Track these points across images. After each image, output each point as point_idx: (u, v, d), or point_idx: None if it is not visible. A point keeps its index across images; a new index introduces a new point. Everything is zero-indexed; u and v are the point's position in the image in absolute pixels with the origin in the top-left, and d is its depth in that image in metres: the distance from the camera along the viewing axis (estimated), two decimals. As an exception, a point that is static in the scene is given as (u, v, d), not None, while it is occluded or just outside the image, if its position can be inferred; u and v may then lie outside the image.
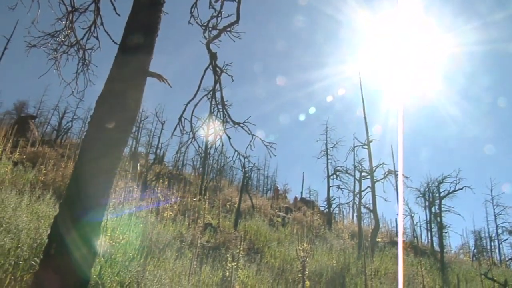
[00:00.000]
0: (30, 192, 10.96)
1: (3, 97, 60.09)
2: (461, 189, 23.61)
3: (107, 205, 5.14)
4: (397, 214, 30.34)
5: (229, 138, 8.02)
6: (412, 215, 31.08)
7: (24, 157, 18.12)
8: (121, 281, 7.15)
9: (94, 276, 6.74)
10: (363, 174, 24.16)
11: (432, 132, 54.10)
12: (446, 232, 26.20)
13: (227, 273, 10.10)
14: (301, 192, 36.17)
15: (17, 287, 5.83)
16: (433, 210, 26.63)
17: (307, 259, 10.64)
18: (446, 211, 24.22)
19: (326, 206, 28.55)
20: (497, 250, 31.47)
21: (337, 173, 27.55)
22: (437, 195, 25.16)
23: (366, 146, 22.96)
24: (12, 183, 12.62)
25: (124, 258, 8.55)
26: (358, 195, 24.52)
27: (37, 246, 7.07)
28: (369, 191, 22.54)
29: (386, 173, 23.64)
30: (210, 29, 7.49)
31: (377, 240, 21.06)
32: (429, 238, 28.46)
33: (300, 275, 10.46)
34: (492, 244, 31.65)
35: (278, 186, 36.52)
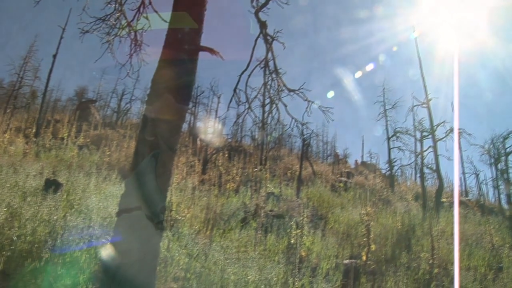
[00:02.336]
0: (97, 173, 11.34)
1: (64, 85, 61.93)
2: (529, 143, 22.72)
3: (171, 181, 5.25)
4: (462, 173, 29.65)
5: (285, 106, 8.00)
6: (477, 173, 30.24)
7: (88, 140, 18.73)
8: (189, 253, 7.33)
9: (163, 250, 6.95)
10: (424, 134, 23.61)
11: (494, 88, 51.93)
12: (514, 189, 25.39)
13: (292, 241, 10.17)
14: (362, 156, 35.87)
15: (92, 264, 6.08)
16: (499, 167, 25.79)
17: (371, 223, 10.55)
18: (513, 167, 23.42)
19: (388, 169, 28.17)
20: None
21: (397, 135, 27.05)
22: (502, 151, 24.32)
23: (425, 105, 22.33)
24: (79, 166, 13.10)
25: (190, 231, 8.75)
26: (420, 156, 24.06)
27: (107, 224, 7.32)
28: (431, 151, 22.01)
29: (448, 131, 22.96)
30: (257, -3, 7.42)
31: (442, 200, 20.62)
32: (497, 196, 27.65)
33: (365, 239, 10.40)
34: None
35: (338, 151, 36.32)
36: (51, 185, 9.16)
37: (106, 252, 4.76)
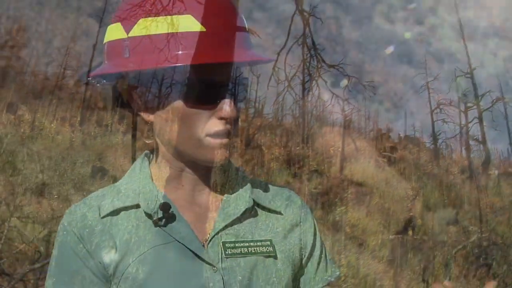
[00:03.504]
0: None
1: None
2: None
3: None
4: (509, 143, 28.80)
5: (325, 82, 7.92)
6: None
7: (132, 126, 18.98)
8: (235, 234, 7.40)
9: (210, 231, 7.03)
10: (469, 104, 22.95)
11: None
12: None
13: (337, 218, 10.12)
14: (405, 130, 35.17)
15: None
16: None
17: (416, 197, 10.42)
18: None
19: (432, 142, 27.56)
20: None
21: (441, 107, 26.36)
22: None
23: (468, 75, 21.65)
24: (124, 152, 13.31)
25: (235, 212, 8.82)
26: (465, 127, 23.47)
27: (154, 207, 7.46)
28: (477, 122, 21.37)
29: (494, 100, 22.18)
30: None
31: (489, 172, 20.09)
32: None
33: (411, 214, 10.28)
34: None
35: (380, 126, 35.79)
36: (98, 172, 9.37)
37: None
